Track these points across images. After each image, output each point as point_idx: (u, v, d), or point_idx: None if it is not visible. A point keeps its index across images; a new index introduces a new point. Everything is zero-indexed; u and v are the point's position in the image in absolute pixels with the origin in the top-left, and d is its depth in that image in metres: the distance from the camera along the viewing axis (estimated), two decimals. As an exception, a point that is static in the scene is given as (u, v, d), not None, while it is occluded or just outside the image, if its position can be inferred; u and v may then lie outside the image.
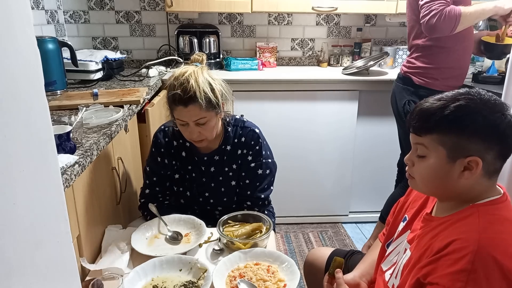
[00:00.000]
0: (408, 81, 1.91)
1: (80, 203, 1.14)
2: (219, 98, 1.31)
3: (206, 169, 1.45)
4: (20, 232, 0.59)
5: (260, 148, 1.43)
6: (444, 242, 0.82)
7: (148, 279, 1.11)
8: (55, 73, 1.81)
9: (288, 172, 2.51)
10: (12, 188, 0.56)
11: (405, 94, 1.91)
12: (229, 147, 1.43)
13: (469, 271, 0.76)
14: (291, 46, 2.81)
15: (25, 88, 0.60)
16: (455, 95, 0.86)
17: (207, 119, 1.29)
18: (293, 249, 2.37)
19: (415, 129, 0.89)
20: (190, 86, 1.24)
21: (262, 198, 1.45)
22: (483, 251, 0.77)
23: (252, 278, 1.10)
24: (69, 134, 1.11)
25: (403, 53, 2.67)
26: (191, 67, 1.31)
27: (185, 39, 2.55)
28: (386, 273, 1.02)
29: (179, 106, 1.26)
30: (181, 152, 1.45)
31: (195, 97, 1.24)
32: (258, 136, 1.44)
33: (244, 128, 1.44)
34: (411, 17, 1.89)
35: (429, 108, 0.86)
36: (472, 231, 0.80)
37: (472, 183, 0.86)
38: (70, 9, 2.58)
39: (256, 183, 1.44)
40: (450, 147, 0.84)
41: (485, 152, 0.83)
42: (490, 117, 0.82)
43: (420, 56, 1.87)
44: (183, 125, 1.31)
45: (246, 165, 1.43)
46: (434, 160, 0.87)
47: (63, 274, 0.73)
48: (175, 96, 1.26)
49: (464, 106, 0.83)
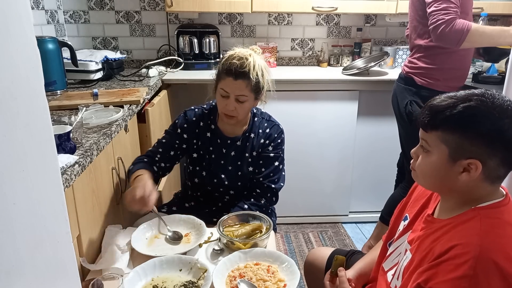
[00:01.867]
0: (410, 82, 1.90)
1: (80, 203, 1.14)
2: (265, 86, 1.43)
3: (227, 152, 1.52)
4: (20, 232, 0.59)
5: (282, 142, 1.54)
6: (445, 247, 0.82)
7: (148, 279, 1.11)
8: (55, 73, 1.81)
9: (288, 172, 2.49)
10: (12, 188, 0.56)
11: (407, 95, 1.91)
12: (253, 135, 1.52)
13: (470, 277, 0.76)
14: (291, 46, 2.81)
15: (25, 88, 0.60)
16: (468, 94, 0.84)
17: (247, 99, 1.40)
18: (293, 249, 2.37)
19: (422, 124, 0.89)
20: (248, 63, 1.36)
21: (272, 188, 1.51)
22: (484, 256, 0.77)
23: (252, 278, 1.10)
24: (69, 134, 1.11)
25: (403, 53, 2.67)
26: (251, 50, 1.42)
27: (185, 39, 2.55)
28: (388, 274, 1.02)
29: (229, 77, 1.36)
30: (206, 133, 1.52)
31: (248, 73, 1.36)
32: (281, 131, 1.55)
33: (270, 122, 1.56)
34: (414, 17, 1.88)
35: (439, 105, 0.86)
36: (473, 235, 0.80)
37: (471, 185, 0.85)
38: (70, 9, 2.58)
39: (270, 173, 1.52)
40: (453, 146, 0.84)
41: (487, 157, 0.81)
42: (498, 122, 0.80)
43: (422, 56, 1.86)
44: (224, 96, 1.40)
45: (266, 154, 1.52)
46: (436, 157, 0.87)
47: (63, 274, 0.73)
48: (231, 65, 1.36)
49: (473, 107, 0.82)
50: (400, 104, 1.95)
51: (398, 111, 1.98)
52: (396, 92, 1.98)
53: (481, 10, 2.42)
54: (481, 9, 2.42)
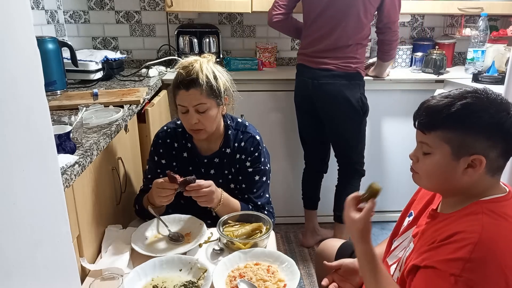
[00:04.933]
0: (358, 76, 2.06)
1: (80, 203, 1.14)
2: (221, 88, 1.34)
3: (206, 171, 1.45)
4: (20, 232, 0.59)
5: (260, 155, 1.44)
6: (447, 233, 0.83)
7: (148, 279, 1.11)
8: (55, 73, 1.81)
9: (288, 172, 2.50)
10: (12, 188, 0.57)
11: (357, 89, 2.06)
12: (229, 150, 1.43)
13: (466, 260, 0.78)
14: (291, 46, 2.81)
15: (25, 88, 0.60)
16: (462, 93, 0.87)
17: (208, 107, 1.32)
18: (293, 249, 2.37)
19: (421, 126, 0.90)
20: (193, 70, 1.29)
21: (259, 204, 1.44)
22: (484, 244, 0.78)
23: (252, 278, 1.10)
24: (69, 134, 1.11)
25: (403, 53, 2.67)
26: (198, 57, 1.36)
27: (185, 39, 2.55)
28: (391, 268, 1.04)
29: (181, 90, 1.30)
30: (183, 153, 1.46)
31: (197, 79, 1.28)
32: (258, 143, 1.44)
33: (245, 133, 1.45)
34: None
35: (436, 105, 0.87)
36: (476, 225, 0.82)
37: (475, 179, 0.87)
38: (70, 9, 2.58)
39: (253, 189, 1.44)
40: (455, 144, 0.85)
41: (489, 150, 0.84)
42: (495, 115, 0.82)
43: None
44: (184, 113, 1.33)
45: (244, 170, 1.43)
46: (438, 157, 0.88)
47: (63, 274, 0.73)
48: (178, 77, 1.31)
49: (471, 104, 0.84)
50: (352, 98, 2.00)
51: (349, 106, 2.01)
52: (343, 89, 2.00)
53: (481, 10, 2.41)
54: (481, 9, 2.42)
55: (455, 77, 2.32)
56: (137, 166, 1.79)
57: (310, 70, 2.03)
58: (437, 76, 2.35)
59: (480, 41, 2.41)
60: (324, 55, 1.99)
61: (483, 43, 2.40)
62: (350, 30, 1.94)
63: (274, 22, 2.15)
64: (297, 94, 2.17)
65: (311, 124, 2.19)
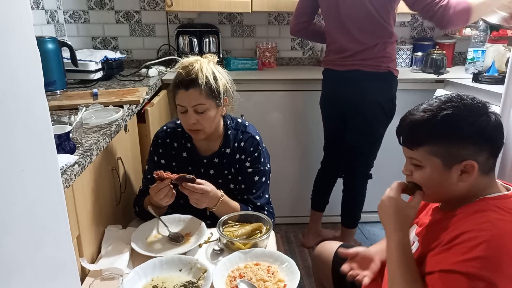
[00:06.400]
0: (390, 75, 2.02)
1: (80, 203, 1.14)
2: (221, 89, 1.33)
3: (206, 171, 1.45)
4: (20, 232, 0.59)
5: (260, 155, 1.43)
6: (456, 233, 0.84)
7: (148, 279, 1.11)
8: (55, 73, 1.81)
9: (288, 172, 2.51)
10: (12, 188, 0.56)
11: (389, 89, 2.02)
12: (229, 150, 1.43)
13: (483, 258, 0.79)
14: (291, 46, 2.81)
15: (25, 88, 0.60)
16: (439, 105, 0.88)
17: (206, 107, 1.31)
18: (293, 249, 2.37)
19: (406, 143, 0.92)
20: (193, 70, 1.29)
21: (258, 205, 1.43)
22: (496, 241, 0.80)
23: (252, 278, 1.10)
24: (69, 134, 1.11)
25: (403, 53, 2.67)
26: (199, 57, 1.35)
27: (185, 39, 2.55)
28: None
29: (180, 89, 1.30)
30: (183, 153, 1.45)
31: (197, 79, 1.28)
32: (258, 144, 1.43)
33: (245, 133, 1.44)
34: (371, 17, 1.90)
35: (417, 122, 0.89)
36: (485, 222, 0.83)
37: (472, 183, 0.89)
38: (70, 9, 2.58)
39: (252, 189, 1.43)
40: (443, 156, 0.87)
41: (477, 155, 0.86)
42: (476, 122, 0.85)
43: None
44: (183, 113, 1.33)
45: (244, 170, 1.43)
46: (430, 170, 0.90)
47: (63, 274, 0.73)
48: (178, 77, 1.31)
49: (450, 115, 0.86)
50: (381, 100, 1.96)
51: (378, 107, 1.97)
52: (373, 89, 1.95)
53: (481, 10, 2.41)
54: (481, 9, 2.41)
55: (455, 77, 2.32)
56: (137, 166, 1.79)
57: (338, 73, 1.99)
58: (437, 76, 2.36)
59: (480, 41, 2.41)
60: (351, 59, 1.94)
61: (483, 43, 2.40)
62: (370, 31, 1.89)
63: (295, 31, 2.18)
64: (324, 97, 2.13)
65: (335, 129, 2.15)
